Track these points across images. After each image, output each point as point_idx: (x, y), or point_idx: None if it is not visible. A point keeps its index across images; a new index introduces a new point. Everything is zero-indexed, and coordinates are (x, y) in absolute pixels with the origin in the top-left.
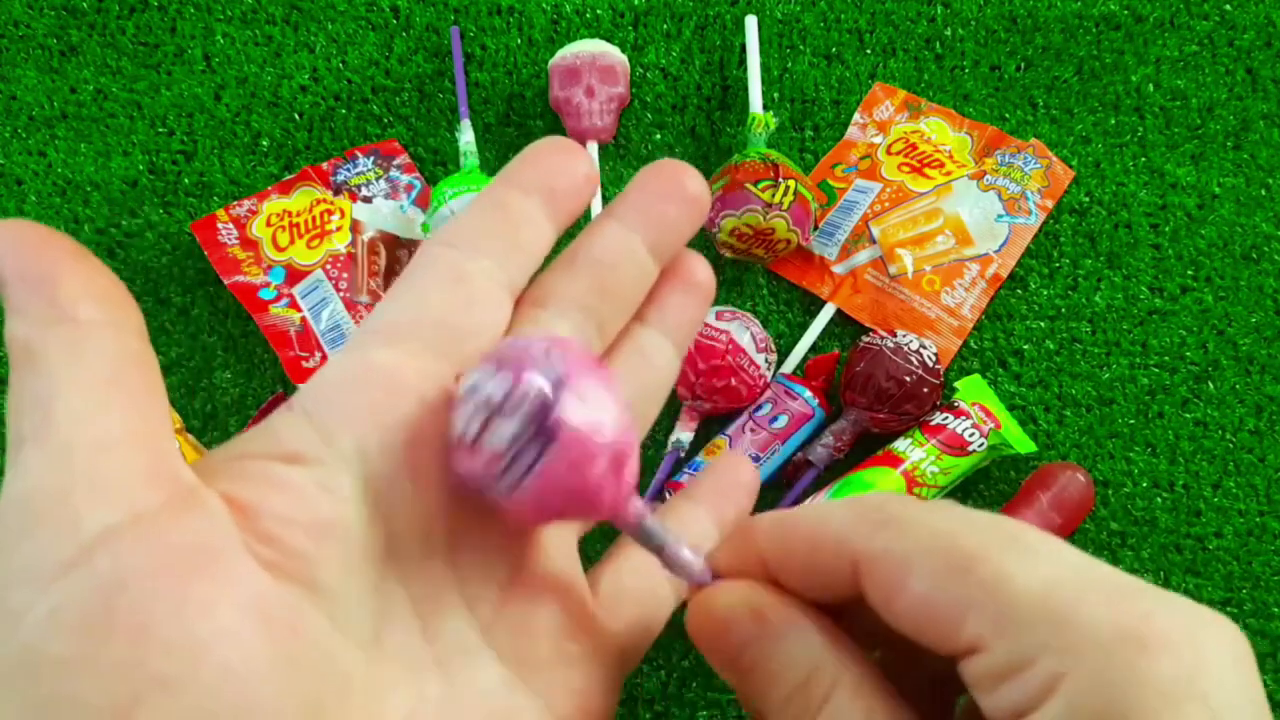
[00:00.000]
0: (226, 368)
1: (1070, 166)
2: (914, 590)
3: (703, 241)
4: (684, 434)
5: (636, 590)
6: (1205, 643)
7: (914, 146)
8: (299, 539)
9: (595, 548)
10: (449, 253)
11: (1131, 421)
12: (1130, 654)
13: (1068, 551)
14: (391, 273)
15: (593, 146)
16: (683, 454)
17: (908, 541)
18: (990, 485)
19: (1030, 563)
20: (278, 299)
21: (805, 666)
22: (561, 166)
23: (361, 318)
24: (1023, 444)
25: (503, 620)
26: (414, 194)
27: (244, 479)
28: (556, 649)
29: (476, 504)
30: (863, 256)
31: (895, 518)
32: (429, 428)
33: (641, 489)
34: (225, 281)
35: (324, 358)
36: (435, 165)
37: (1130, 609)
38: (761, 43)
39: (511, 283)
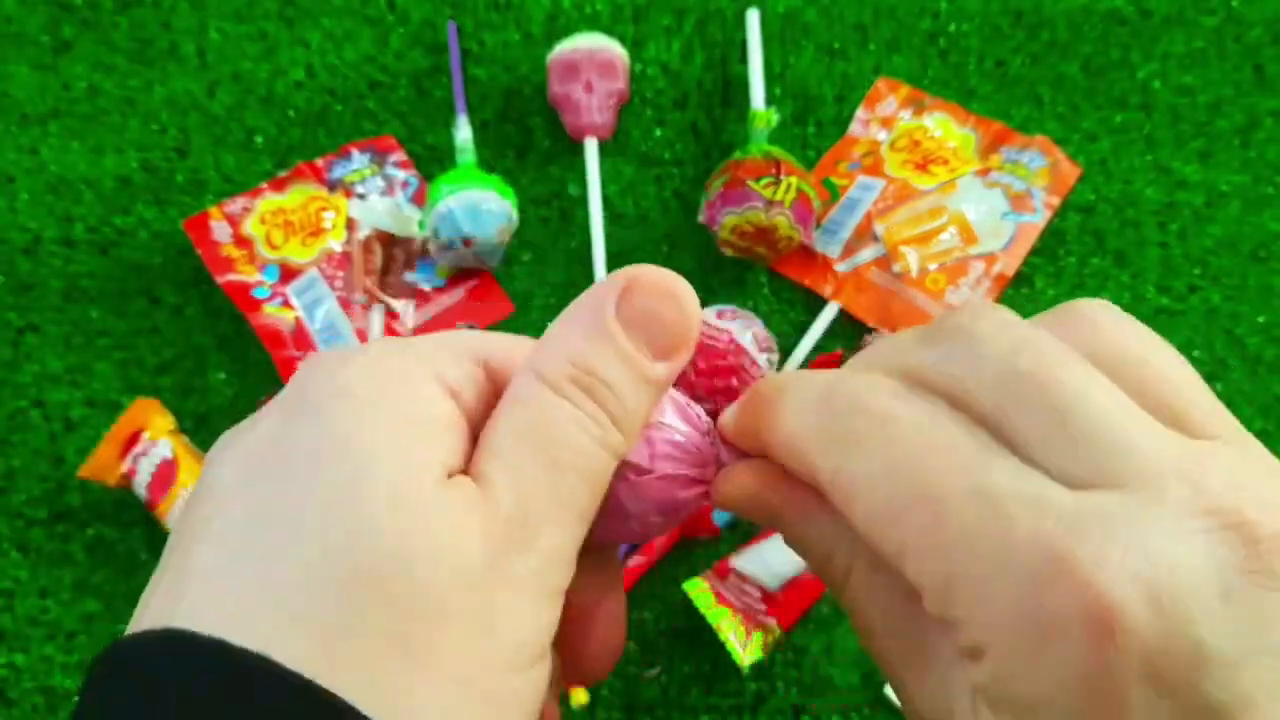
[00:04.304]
0: (220, 368)
1: (1076, 163)
2: (863, 510)
3: (704, 240)
4: None
5: None
6: None
7: (918, 143)
8: None
9: None
10: None
11: None
12: None
13: None
14: (387, 271)
15: (591, 143)
16: None
17: (858, 464)
18: None
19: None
20: (271, 298)
21: (824, 548)
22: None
23: (357, 317)
24: None
25: None
26: (410, 191)
27: None
28: None
29: None
30: (866, 255)
31: (853, 434)
32: None
33: None
34: (217, 280)
35: None
36: (431, 162)
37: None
38: (763, 38)
39: None
